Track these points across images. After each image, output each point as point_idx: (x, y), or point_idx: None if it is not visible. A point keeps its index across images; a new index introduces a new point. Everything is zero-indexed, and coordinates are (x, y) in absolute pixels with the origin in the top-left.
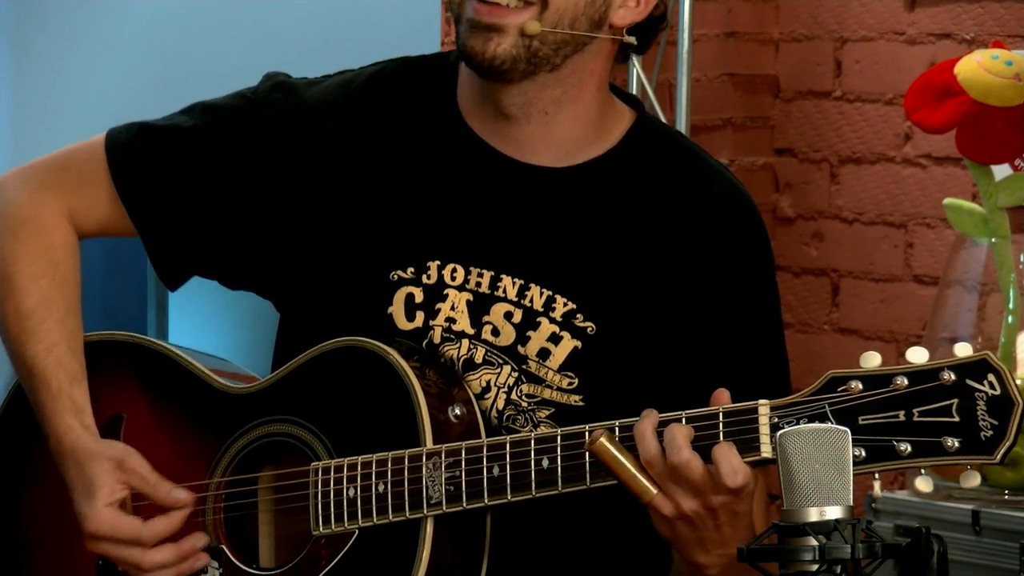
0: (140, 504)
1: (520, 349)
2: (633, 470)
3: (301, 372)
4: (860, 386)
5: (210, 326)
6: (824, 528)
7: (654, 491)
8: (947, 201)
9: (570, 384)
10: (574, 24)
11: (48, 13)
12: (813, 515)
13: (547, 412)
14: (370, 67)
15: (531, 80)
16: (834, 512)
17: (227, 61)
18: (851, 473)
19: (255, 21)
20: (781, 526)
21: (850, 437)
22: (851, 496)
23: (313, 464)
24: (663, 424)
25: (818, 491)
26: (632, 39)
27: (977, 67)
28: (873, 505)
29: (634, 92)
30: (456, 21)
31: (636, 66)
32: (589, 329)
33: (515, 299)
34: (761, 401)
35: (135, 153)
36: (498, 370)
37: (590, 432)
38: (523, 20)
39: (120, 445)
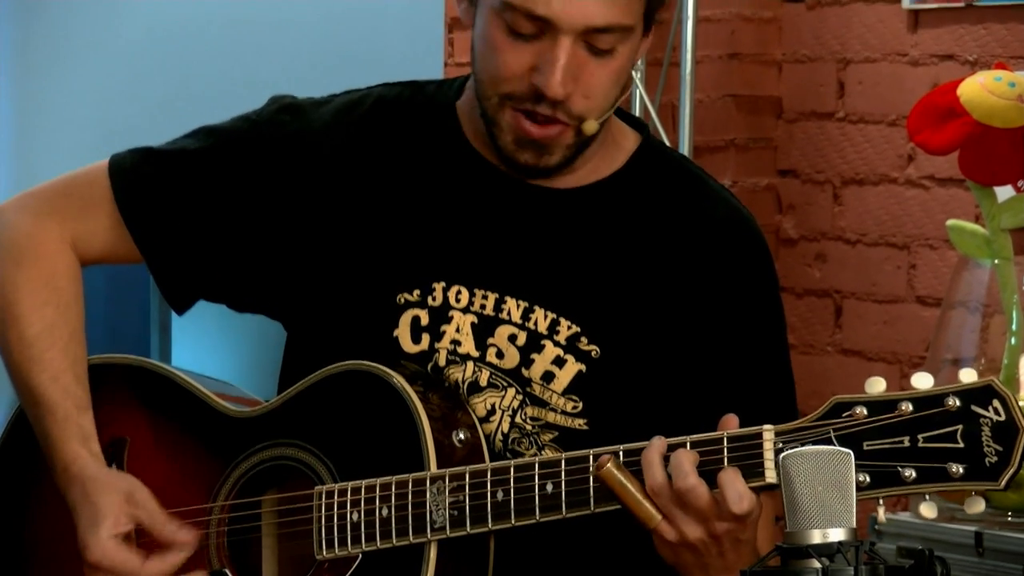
0: (143, 541)
1: (524, 372)
2: (639, 496)
3: (305, 396)
4: (865, 411)
5: (213, 349)
6: (827, 550)
7: (659, 517)
8: (950, 222)
9: (574, 408)
10: (615, 104)
11: (52, 31)
12: (816, 537)
13: (551, 436)
14: (376, 88)
15: None
16: (837, 534)
17: (229, 81)
18: (854, 495)
19: (258, 41)
20: (784, 548)
21: (853, 459)
22: (854, 518)
23: (317, 488)
24: (670, 448)
25: (821, 513)
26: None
27: (980, 88)
28: (876, 527)
29: (637, 113)
30: (491, 123)
31: (639, 87)
32: (593, 352)
33: (519, 321)
34: (766, 426)
35: (139, 178)
36: (502, 393)
37: (596, 458)
38: (574, 128)
39: (129, 478)
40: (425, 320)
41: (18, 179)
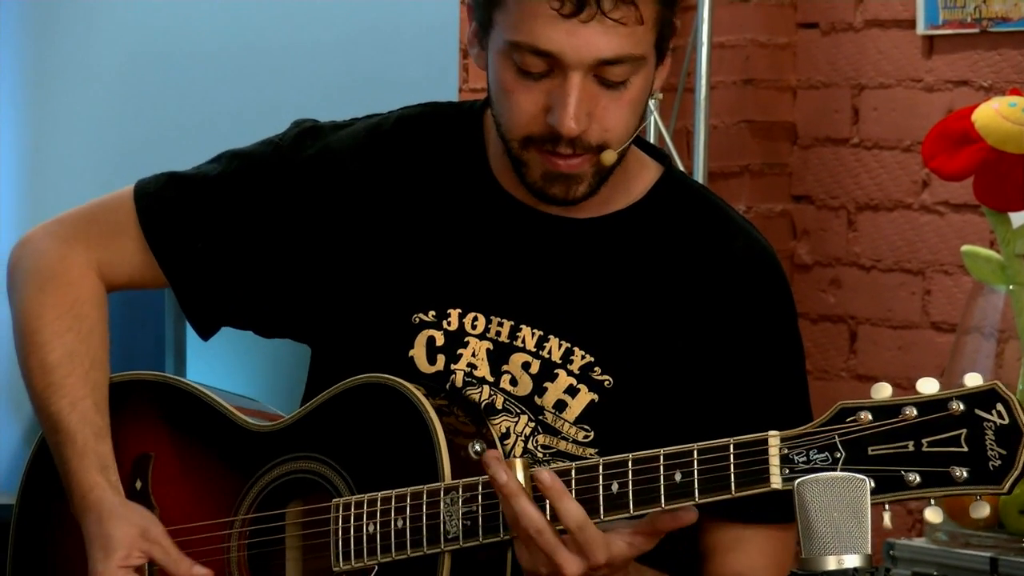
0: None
1: (537, 400)
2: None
3: (323, 409)
4: (869, 416)
5: (228, 373)
6: None
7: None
8: (965, 248)
9: (585, 437)
10: (634, 132)
11: (64, 51)
12: (831, 564)
13: (562, 464)
14: (397, 111)
15: None
16: (852, 560)
17: (244, 105)
18: (869, 521)
19: (274, 65)
20: (799, 574)
21: (868, 485)
22: (869, 544)
23: (334, 500)
24: (675, 457)
25: (836, 539)
26: (660, 95)
27: (994, 114)
28: (891, 552)
29: (652, 139)
30: (518, 162)
31: (654, 113)
32: (606, 383)
33: (533, 350)
34: (771, 432)
35: (164, 203)
36: (516, 419)
37: (607, 467)
38: (597, 156)
39: (145, 512)
40: (441, 341)
41: (30, 202)
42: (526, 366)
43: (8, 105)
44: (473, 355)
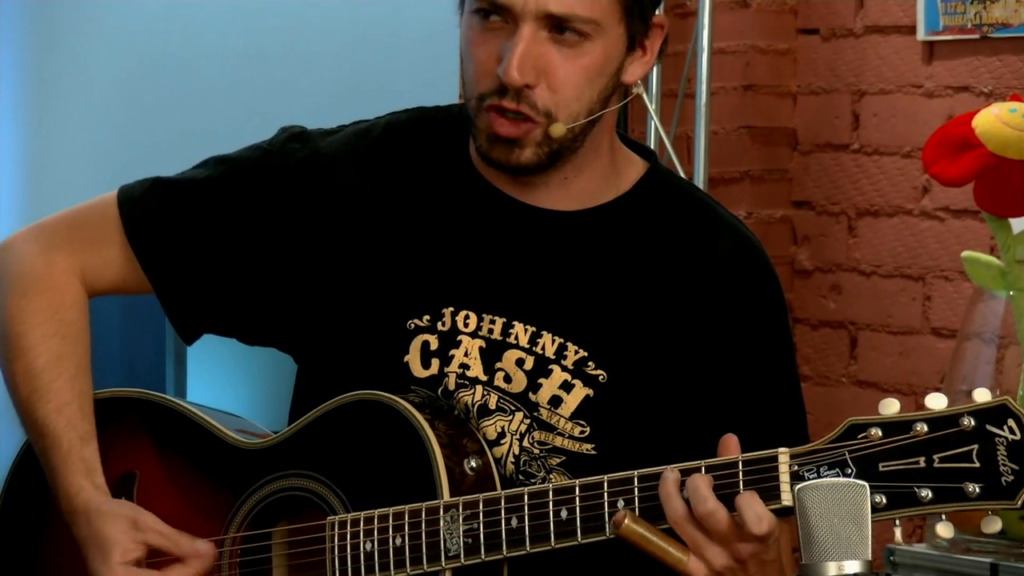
0: (158, 560)
1: (531, 396)
2: (663, 544)
3: (315, 426)
4: (880, 433)
5: (228, 380)
6: None
7: (686, 559)
8: (965, 254)
9: (582, 432)
10: (591, 111)
11: (65, 62)
12: (832, 569)
13: (558, 460)
14: (385, 116)
15: (553, 167)
16: (853, 566)
17: (244, 112)
18: (870, 527)
19: (274, 73)
20: None
21: (868, 491)
22: (869, 550)
23: (329, 518)
24: (684, 474)
25: (836, 545)
26: (641, 89)
27: (995, 120)
28: (892, 558)
29: (652, 145)
30: (473, 127)
31: (654, 119)
32: (601, 377)
33: (527, 346)
34: (781, 449)
35: (149, 208)
36: (510, 417)
37: (611, 484)
38: (543, 128)
39: (131, 505)
40: (434, 345)
41: (29, 208)
42: (520, 362)
43: (8, 111)
44: (465, 354)
